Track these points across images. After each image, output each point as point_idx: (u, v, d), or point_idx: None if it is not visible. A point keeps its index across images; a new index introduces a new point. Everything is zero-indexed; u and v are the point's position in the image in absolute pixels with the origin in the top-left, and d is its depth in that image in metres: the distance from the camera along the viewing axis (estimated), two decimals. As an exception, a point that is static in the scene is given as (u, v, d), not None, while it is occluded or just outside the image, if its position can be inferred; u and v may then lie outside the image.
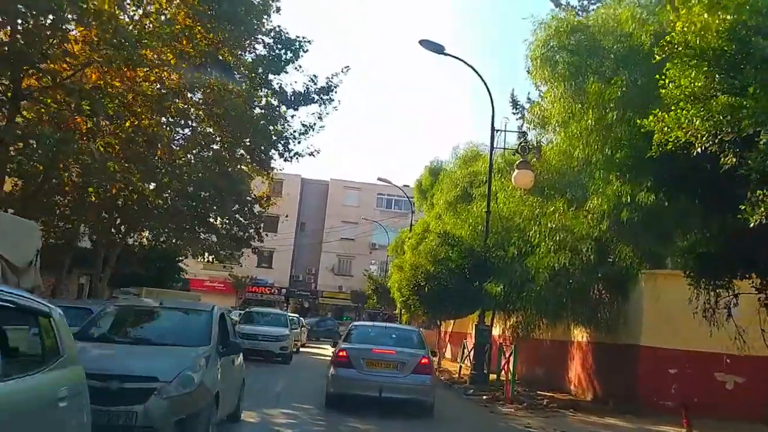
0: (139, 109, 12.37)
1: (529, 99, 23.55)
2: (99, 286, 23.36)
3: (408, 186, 36.06)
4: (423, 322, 36.31)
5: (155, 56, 12.56)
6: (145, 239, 24.03)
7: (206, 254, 23.46)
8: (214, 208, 19.36)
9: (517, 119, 21.78)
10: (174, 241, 21.55)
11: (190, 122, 14.92)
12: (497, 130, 15.92)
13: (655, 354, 12.31)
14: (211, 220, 20.45)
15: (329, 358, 12.32)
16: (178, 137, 15.37)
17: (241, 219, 21.51)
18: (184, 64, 12.64)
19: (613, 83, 12.30)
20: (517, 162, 15.42)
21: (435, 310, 20.34)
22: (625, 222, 12.19)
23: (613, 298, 13.58)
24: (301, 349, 26.71)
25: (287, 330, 19.43)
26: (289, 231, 55.31)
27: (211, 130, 15.82)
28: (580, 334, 15.39)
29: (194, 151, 16.34)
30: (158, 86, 12.90)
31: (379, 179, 33.39)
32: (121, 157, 12.82)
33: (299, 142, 18.71)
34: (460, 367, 18.71)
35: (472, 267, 15.17)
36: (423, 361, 10.34)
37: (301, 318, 32.43)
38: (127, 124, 12.38)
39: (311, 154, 19.36)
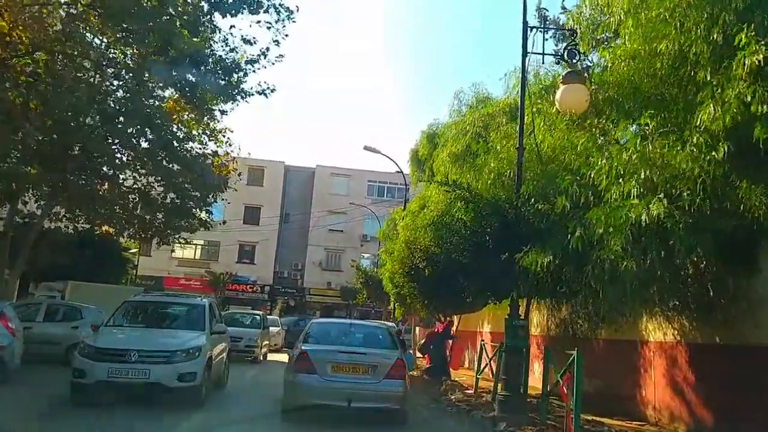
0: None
1: (563, 7, 18.28)
2: (9, 281, 18.15)
3: (401, 173, 31.01)
4: (422, 319, 31.25)
5: None
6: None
7: (139, 233, 18.11)
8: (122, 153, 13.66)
9: (547, 39, 16.38)
10: (61, 208, 15.97)
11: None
12: (532, 28, 10.68)
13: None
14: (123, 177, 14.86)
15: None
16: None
17: (186, 186, 16.12)
18: None
19: None
20: (562, 75, 10.28)
21: (439, 302, 15.19)
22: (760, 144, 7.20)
23: (730, 272, 8.47)
24: (270, 357, 21.41)
25: (202, 337, 10.24)
26: (271, 221, 50.34)
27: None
28: (661, 331, 10.29)
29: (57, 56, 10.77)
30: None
31: (365, 148, 28.25)
32: None
33: (245, 74, 13.48)
34: (477, 380, 13.54)
35: (496, 231, 9.97)
36: (398, 363, 9.20)
37: (272, 317, 27.20)
38: None
39: (263, 92, 14.15)
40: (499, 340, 16.09)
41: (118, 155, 13.77)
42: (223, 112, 16.51)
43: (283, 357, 21.72)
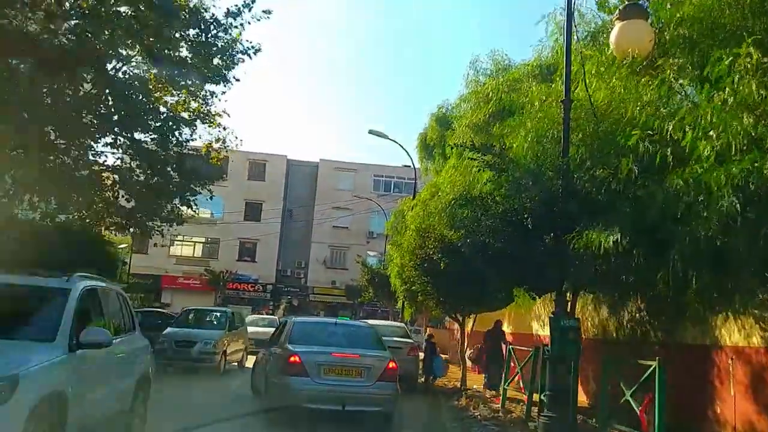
0: None
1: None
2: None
3: (411, 165, 28.90)
4: (431, 319, 29.10)
5: None
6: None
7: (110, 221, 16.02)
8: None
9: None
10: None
11: None
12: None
13: None
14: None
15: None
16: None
17: (162, 159, 13.92)
18: None
19: None
20: (618, 10, 8.16)
21: (457, 298, 13.08)
22: None
23: None
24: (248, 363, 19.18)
25: (38, 355, 4.77)
26: (273, 217, 48.37)
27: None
28: (742, 333, 8.14)
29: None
30: None
31: (370, 132, 26.20)
32: None
33: (226, 30, 11.47)
34: (504, 391, 11.37)
35: (539, 207, 7.84)
36: (390, 365, 8.92)
37: (271, 316, 25.17)
38: None
39: (246, 51, 12.15)
40: (521, 343, 13.99)
41: (75, 118, 11.53)
42: (212, 93, 14.63)
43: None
